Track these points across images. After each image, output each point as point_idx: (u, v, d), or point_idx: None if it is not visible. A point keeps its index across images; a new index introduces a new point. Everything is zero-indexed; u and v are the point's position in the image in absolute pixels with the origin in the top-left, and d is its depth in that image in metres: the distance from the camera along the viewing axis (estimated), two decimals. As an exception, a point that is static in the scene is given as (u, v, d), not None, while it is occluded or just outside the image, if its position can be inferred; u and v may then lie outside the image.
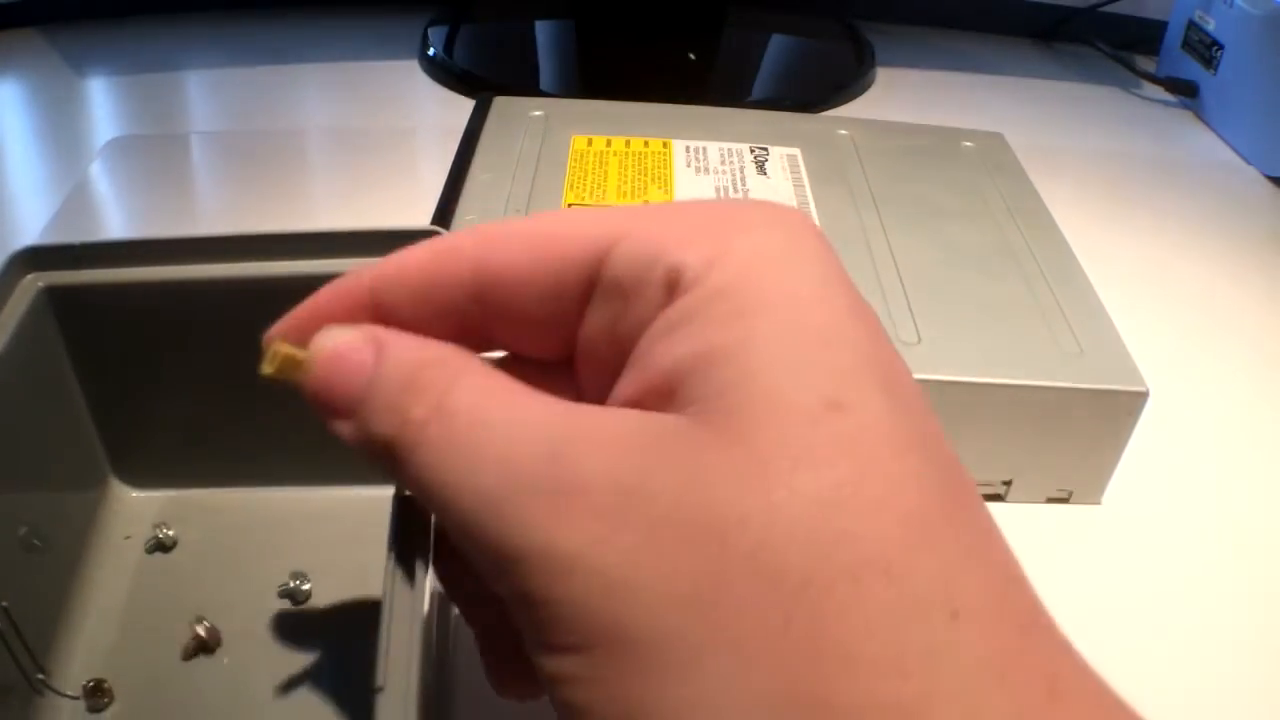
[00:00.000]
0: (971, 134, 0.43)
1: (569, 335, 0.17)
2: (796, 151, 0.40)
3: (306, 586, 0.27)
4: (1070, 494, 0.32)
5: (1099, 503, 0.32)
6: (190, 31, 0.61)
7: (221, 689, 0.25)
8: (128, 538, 0.28)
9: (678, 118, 0.42)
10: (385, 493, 0.19)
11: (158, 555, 0.28)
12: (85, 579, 0.27)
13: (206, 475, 0.29)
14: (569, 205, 0.35)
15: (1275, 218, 0.50)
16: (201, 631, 0.25)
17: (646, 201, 0.34)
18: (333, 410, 0.16)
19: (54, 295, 0.27)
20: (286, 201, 0.45)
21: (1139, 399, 0.30)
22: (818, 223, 0.36)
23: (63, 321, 0.27)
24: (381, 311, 0.17)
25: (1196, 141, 0.58)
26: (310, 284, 0.17)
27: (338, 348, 0.16)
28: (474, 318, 0.17)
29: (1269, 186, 0.53)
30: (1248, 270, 0.46)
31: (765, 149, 0.40)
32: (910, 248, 0.35)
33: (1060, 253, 0.36)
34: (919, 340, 0.31)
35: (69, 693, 0.24)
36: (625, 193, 0.36)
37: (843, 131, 0.42)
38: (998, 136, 0.43)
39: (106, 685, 0.24)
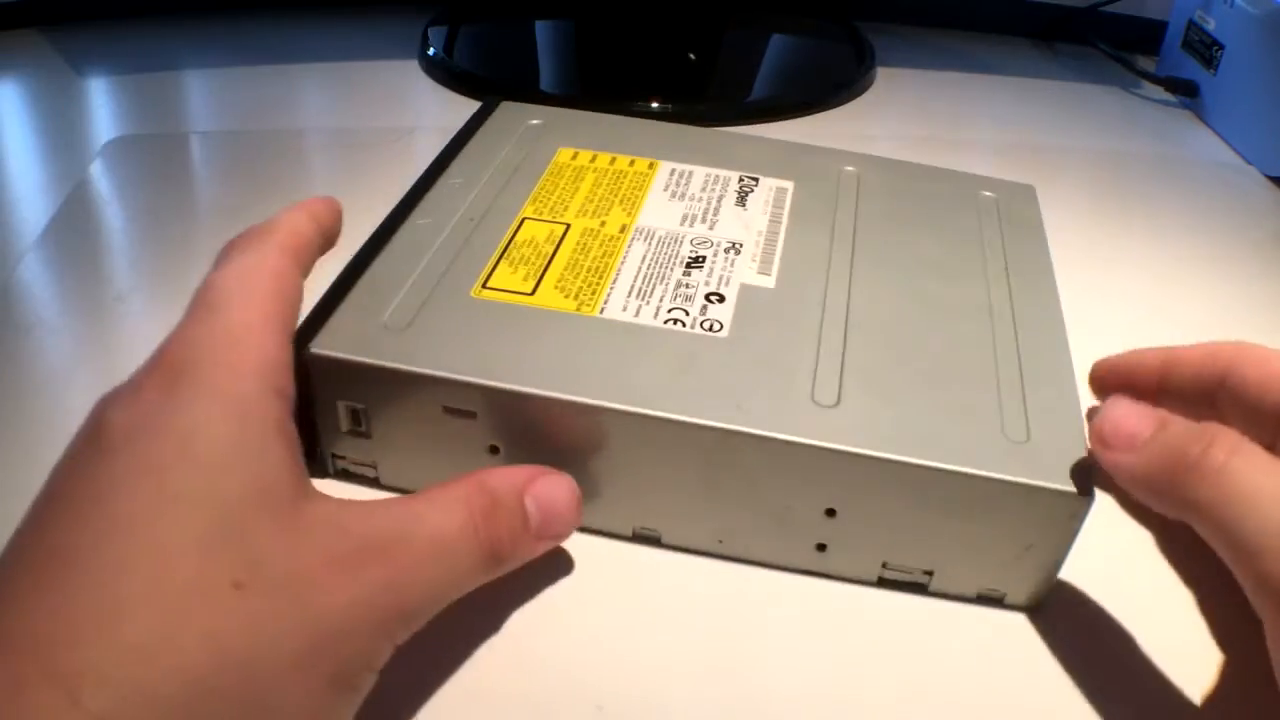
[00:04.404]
0: (998, 183, 0.39)
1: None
2: (789, 185, 0.37)
3: None
4: (1004, 595, 0.28)
5: (1038, 607, 0.28)
6: (190, 31, 0.61)
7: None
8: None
9: (679, 138, 0.40)
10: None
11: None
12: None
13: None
14: (524, 219, 0.34)
15: (1276, 218, 0.50)
16: None
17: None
18: (1116, 444, 0.24)
19: None
20: (287, 201, 0.44)
21: (1081, 504, 0.25)
22: (777, 262, 0.33)
23: None
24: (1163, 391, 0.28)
25: (1196, 141, 0.58)
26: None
27: (1128, 406, 0.25)
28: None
29: (1269, 186, 0.53)
30: (1248, 270, 0.46)
31: (756, 179, 0.37)
32: (873, 299, 0.31)
33: (1047, 322, 0.31)
34: (837, 402, 0.27)
35: None
36: (587, 211, 0.35)
37: (849, 168, 0.39)
38: (1028, 188, 0.39)
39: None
